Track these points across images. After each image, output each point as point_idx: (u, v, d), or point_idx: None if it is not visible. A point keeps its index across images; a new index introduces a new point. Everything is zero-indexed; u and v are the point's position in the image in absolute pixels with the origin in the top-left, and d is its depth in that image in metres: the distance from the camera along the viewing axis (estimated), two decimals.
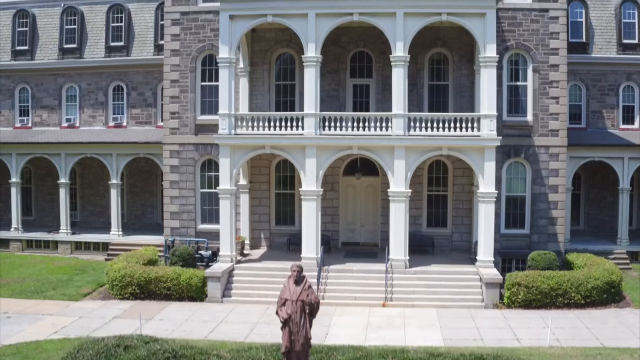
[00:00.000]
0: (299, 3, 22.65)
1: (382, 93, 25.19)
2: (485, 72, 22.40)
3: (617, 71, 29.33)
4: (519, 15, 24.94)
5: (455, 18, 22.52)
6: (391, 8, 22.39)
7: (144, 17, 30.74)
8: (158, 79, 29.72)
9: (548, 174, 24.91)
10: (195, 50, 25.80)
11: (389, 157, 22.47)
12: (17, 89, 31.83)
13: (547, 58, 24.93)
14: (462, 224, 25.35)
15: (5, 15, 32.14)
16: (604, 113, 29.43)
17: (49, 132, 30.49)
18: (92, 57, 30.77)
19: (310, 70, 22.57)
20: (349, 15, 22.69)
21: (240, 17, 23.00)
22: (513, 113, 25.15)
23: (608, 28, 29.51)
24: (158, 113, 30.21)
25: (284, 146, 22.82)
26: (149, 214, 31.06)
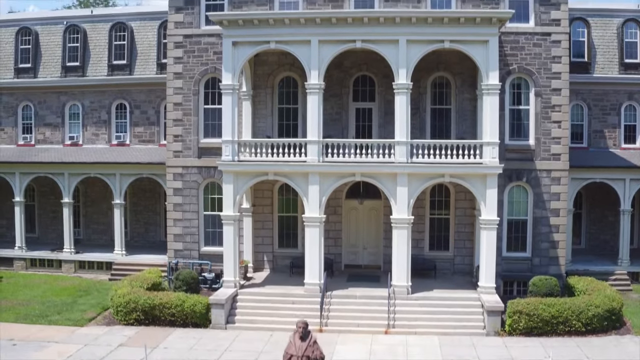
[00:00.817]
0: (301, 30, 22.71)
1: (384, 117, 25.28)
2: (488, 100, 22.50)
3: (619, 91, 29.41)
4: (521, 39, 25.01)
5: (458, 45, 22.60)
6: (394, 35, 22.46)
7: (147, 36, 30.80)
8: (161, 97, 29.82)
9: (550, 197, 25.02)
10: (198, 73, 25.88)
11: (391, 184, 22.58)
12: (20, 107, 31.94)
13: (549, 82, 25.00)
14: (464, 247, 25.49)
15: (8, 33, 32.19)
16: (606, 132, 29.52)
17: (52, 151, 30.60)
18: (95, 76, 30.85)
19: (313, 98, 22.67)
20: (351, 42, 22.77)
21: (243, 44, 23.09)
22: (515, 137, 25.25)
23: (610, 47, 29.55)
24: (161, 132, 30.32)
25: (287, 173, 22.93)
26: (152, 232, 31.20)
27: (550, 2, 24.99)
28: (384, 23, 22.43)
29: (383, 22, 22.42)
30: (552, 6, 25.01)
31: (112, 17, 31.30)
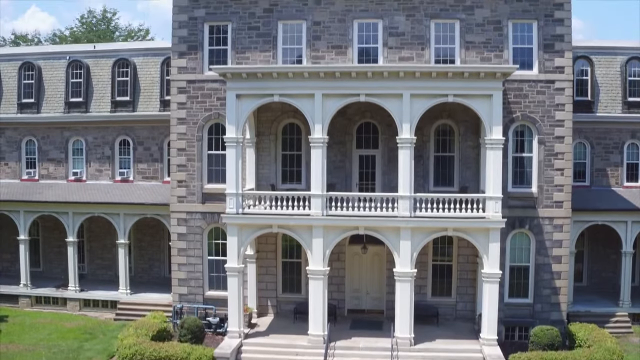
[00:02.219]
0: (305, 83, 22.73)
1: (387, 164, 25.34)
2: (491, 154, 22.55)
3: (622, 129, 29.45)
4: (525, 87, 25.01)
5: (462, 99, 22.64)
6: (398, 90, 22.48)
7: (150, 72, 30.77)
8: (164, 134, 29.87)
9: (552, 244, 25.14)
10: (202, 119, 25.92)
11: (394, 237, 22.70)
12: (24, 141, 32.01)
13: (552, 130, 25.04)
14: (466, 294, 25.65)
15: (11, 67, 32.17)
16: (608, 171, 29.58)
17: (56, 187, 30.70)
18: (98, 112, 30.88)
19: (316, 152, 22.73)
20: (355, 96, 22.81)
21: (247, 96, 23.13)
22: (518, 184, 25.32)
23: (613, 85, 29.53)
24: (164, 168, 30.40)
25: (291, 226, 23.05)
26: (156, 268, 31.38)
27: (554, 49, 24.98)
28: (388, 77, 22.44)
29: (387, 77, 22.43)
30: (556, 53, 25.00)
31: (115, 53, 31.26)
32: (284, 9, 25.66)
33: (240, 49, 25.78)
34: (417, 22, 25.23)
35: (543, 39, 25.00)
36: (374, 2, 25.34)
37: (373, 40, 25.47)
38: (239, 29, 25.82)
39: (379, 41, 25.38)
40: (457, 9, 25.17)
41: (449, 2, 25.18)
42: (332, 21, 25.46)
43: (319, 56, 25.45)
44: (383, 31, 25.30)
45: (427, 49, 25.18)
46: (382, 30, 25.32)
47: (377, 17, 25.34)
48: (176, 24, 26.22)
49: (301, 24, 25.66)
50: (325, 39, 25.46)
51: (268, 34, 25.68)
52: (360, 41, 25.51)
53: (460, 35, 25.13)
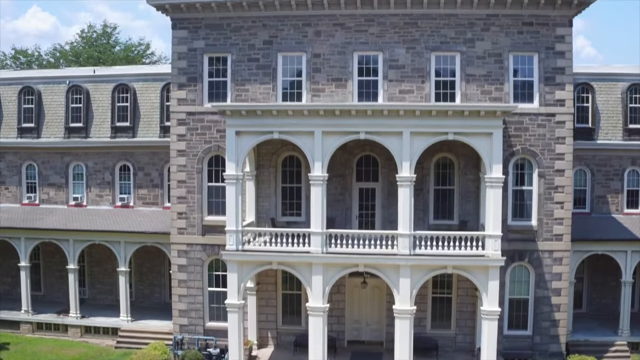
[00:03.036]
0: (305, 121, 22.68)
1: (387, 198, 25.33)
2: (491, 192, 22.50)
3: (623, 156, 29.39)
4: (525, 120, 24.96)
5: (462, 137, 22.58)
6: (398, 127, 22.43)
7: (149, 97, 30.72)
8: (164, 159, 29.84)
9: (551, 277, 25.18)
10: (201, 151, 25.91)
11: (394, 275, 22.72)
12: (24, 166, 32.01)
13: (552, 163, 25.01)
14: (466, 326, 25.70)
15: (11, 91, 32.13)
16: (609, 198, 29.55)
17: (57, 212, 30.75)
18: (98, 137, 30.86)
19: (316, 189, 22.70)
20: (355, 134, 22.76)
21: (246, 133, 23.08)
22: (518, 217, 25.33)
23: (614, 112, 29.45)
24: (165, 194, 30.40)
25: (291, 263, 23.07)
26: (157, 293, 31.47)
27: (555, 82, 24.92)
28: (388, 115, 22.38)
29: (387, 115, 22.37)
30: (557, 86, 24.93)
31: (114, 78, 31.19)
32: (284, 41, 25.59)
33: (240, 80, 25.74)
34: (418, 54, 25.16)
35: (544, 72, 24.93)
36: (374, 35, 25.27)
37: (373, 73, 25.42)
38: (239, 60, 25.77)
39: (379, 74, 25.33)
40: (457, 41, 25.09)
41: (449, 34, 25.10)
42: (332, 53, 25.41)
43: (319, 89, 25.41)
44: (383, 64, 25.24)
45: (428, 81, 25.12)
46: (382, 63, 25.25)
47: (377, 49, 25.27)
48: (175, 55, 26.18)
49: (301, 56, 25.60)
50: (325, 72, 25.41)
51: (268, 66, 25.62)
52: (360, 74, 25.46)
53: (460, 68, 25.06)
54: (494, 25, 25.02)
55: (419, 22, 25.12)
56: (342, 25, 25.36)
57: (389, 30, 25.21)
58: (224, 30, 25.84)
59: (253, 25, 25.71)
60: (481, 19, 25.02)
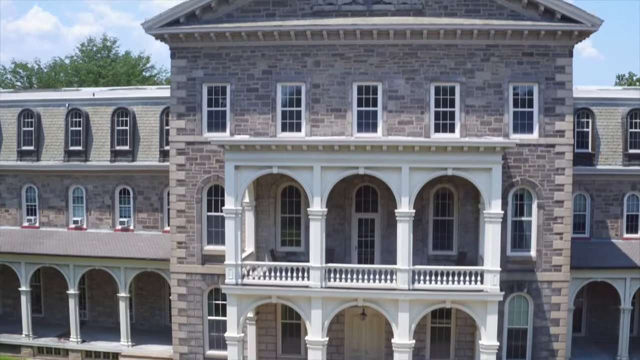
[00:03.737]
0: (304, 156, 22.69)
1: (387, 228, 25.34)
2: (490, 227, 22.55)
3: (623, 181, 29.34)
4: (525, 151, 24.91)
5: (461, 172, 22.61)
6: (397, 163, 22.44)
7: (149, 121, 30.71)
8: (164, 183, 29.84)
9: (550, 307, 25.22)
10: (201, 181, 25.90)
11: (393, 309, 22.80)
12: (24, 188, 32.02)
13: (552, 194, 24.99)
14: (465, 356, 25.74)
15: (10, 113, 32.14)
16: (608, 223, 29.53)
17: (57, 235, 30.80)
18: (98, 161, 30.87)
19: (315, 224, 22.74)
20: (354, 169, 22.79)
21: (245, 168, 23.11)
22: (517, 248, 25.35)
23: (614, 137, 29.40)
24: (164, 218, 30.42)
25: (290, 297, 23.16)
26: (157, 316, 31.55)
27: (554, 113, 24.86)
28: (387, 151, 22.39)
29: (386, 150, 22.38)
30: (557, 117, 24.88)
31: (114, 101, 31.19)
32: (283, 71, 25.52)
33: (239, 110, 25.70)
34: (417, 85, 25.09)
35: (544, 103, 24.86)
36: (374, 65, 25.20)
37: (372, 103, 25.36)
38: (238, 90, 25.72)
39: (378, 104, 25.28)
40: (457, 71, 25.01)
41: (449, 65, 25.03)
42: (332, 84, 25.34)
43: (318, 119, 25.37)
44: (383, 94, 25.18)
45: (427, 112, 25.06)
46: (382, 93, 25.19)
47: (377, 80, 25.20)
48: (174, 85, 26.13)
49: (300, 86, 25.54)
50: (324, 102, 25.35)
51: (267, 96, 25.58)
52: (360, 104, 25.39)
53: (460, 98, 24.99)
54: (494, 56, 24.94)
55: (419, 52, 25.05)
56: (341, 56, 25.30)
57: (388, 61, 25.14)
58: (222, 59, 25.79)
59: (252, 55, 25.65)
60: (481, 49, 24.95)
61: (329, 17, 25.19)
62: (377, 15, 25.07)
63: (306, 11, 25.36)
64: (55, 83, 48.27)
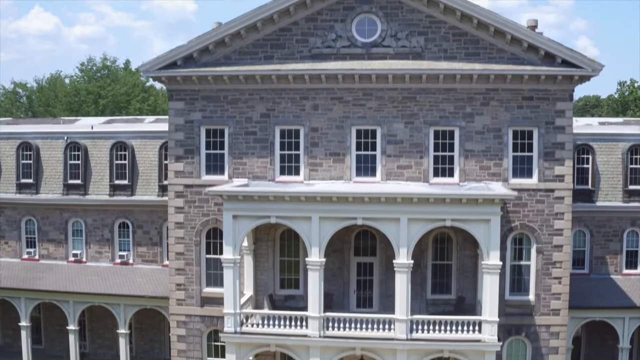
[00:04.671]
0: (302, 206, 22.63)
1: (385, 272, 25.30)
2: (488, 278, 22.53)
3: (622, 217, 29.31)
4: (524, 196, 24.80)
5: (460, 224, 22.56)
6: (395, 214, 22.38)
7: (148, 155, 30.67)
8: (163, 218, 29.82)
9: (548, 351, 25.23)
10: (199, 224, 25.87)
11: (391, 358, 22.84)
12: (23, 221, 32.05)
13: (551, 239, 24.92)
14: None
15: (9, 145, 32.11)
16: (607, 258, 29.53)
17: (57, 269, 30.86)
18: (97, 195, 30.88)
19: (314, 274, 22.73)
20: (352, 219, 22.72)
21: (243, 217, 23.06)
22: (515, 292, 25.32)
23: (614, 173, 29.31)
24: (164, 252, 30.47)
25: (289, 346, 23.21)
26: (157, 349, 31.66)
27: (554, 158, 24.74)
28: (385, 202, 22.32)
29: (384, 201, 22.32)
30: (557, 161, 24.76)
31: (112, 135, 31.14)
32: (281, 114, 25.41)
33: (237, 154, 25.61)
34: (416, 129, 24.97)
35: (543, 147, 24.74)
36: (372, 109, 25.07)
37: (371, 147, 25.26)
38: (236, 133, 25.62)
39: (377, 148, 25.18)
40: (456, 116, 24.88)
41: (448, 109, 24.89)
42: (330, 127, 25.23)
43: (317, 163, 25.28)
44: (381, 138, 25.08)
45: (426, 157, 24.97)
46: (381, 137, 25.09)
47: (376, 123, 25.09)
48: (172, 127, 26.03)
49: (299, 129, 25.44)
50: (323, 146, 25.26)
51: (265, 139, 25.49)
52: (359, 148, 25.31)
53: (459, 143, 24.89)
54: (494, 100, 24.81)
55: (418, 96, 24.91)
56: (340, 99, 25.16)
57: (387, 105, 25.02)
58: (221, 102, 25.67)
59: (250, 98, 25.52)
60: (481, 93, 24.80)
61: (328, 60, 25.05)
62: (376, 59, 24.93)
63: (304, 54, 25.24)
64: (55, 102, 48.07)
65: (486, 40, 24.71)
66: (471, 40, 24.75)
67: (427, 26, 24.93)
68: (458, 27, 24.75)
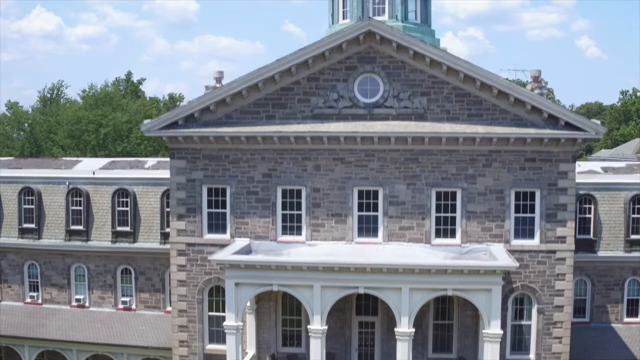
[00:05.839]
0: (304, 275, 22.71)
1: (387, 332, 25.34)
2: (489, 347, 22.60)
3: (624, 267, 29.29)
4: (525, 257, 24.81)
5: (461, 293, 22.64)
6: (397, 284, 22.45)
7: (150, 202, 30.65)
8: (165, 265, 29.89)
9: None
10: (202, 282, 25.94)
11: None
12: (26, 265, 32.11)
13: (552, 299, 24.97)
14: None
15: (11, 190, 32.08)
16: (609, 307, 29.58)
17: (60, 314, 31.01)
18: (99, 241, 30.90)
19: (315, 342, 22.85)
20: (354, 288, 22.82)
21: (246, 285, 23.14)
22: (516, 351, 25.40)
23: (616, 223, 29.26)
24: (166, 299, 30.54)
25: None
26: None
27: (556, 219, 24.71)
28: (387, 272, 22.38)
29: (386, 272, 22.38)
30: (558, 223, 24.73)
31: (114, 181, 31.08)
32: (283, 175, 25.36)
33: (239, 213, 25.61)
34: (418, 191, 24.92)
35: (545, 209, 24.69)
36: (374, 170, 25.01)
37: (373, 208, 25.24)
38: (238, 193, 25.59)
39: (379, 209, 25.16)
40: (458, 177, 24.82)
41: (450, 170, 24.82)
42: (332, 188, 25.19)
43: (319, 224, 25.28)
44: (383, 200, 25.04)
45: (428, 218, 24.95)
46: (383, 198, 25.05)
47: (378, 185, 25.04)
48: (174, 185, 26.01)
49: (301, 189, 25.40)
50: (325, 206, 25.24)
51: (267, 199, 25.47)
52: (360, 209, 25.28)
53: (461, 204, 24.85)
54: (496, 161, 24.72)
55: (420, 157, 24.84)
56: (342, 160, 25.10)
57: (389, 166, 24.95)
58: (222, 161, 25.61)
59: (252, 158, 25.46)
60: (483, 155, 24.72)
61: (330, 120, 24.96)
62: (378, 119, 24.83)
63: (306, 114, 25.14)
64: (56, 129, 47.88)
65: (489, 101, 24.58)
66: (474, 100, 24.64)
67: (429, 86, 24.80)
68: (461, 87, 24.61)
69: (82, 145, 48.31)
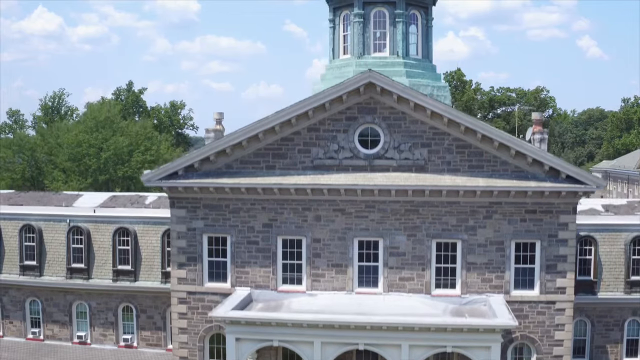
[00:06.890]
0: (304, 331, 22.77)
1: None
2: None
3: (624, 307, 29.31)
4: (525, 307, 24.89)
5: (460, 350, 22.71)
6: (396, 341, 22.53)
7: (150, 241, 30.69)
8: (166, 303, 29.96)
9: None
10: (202, 330, 26.05)
11: None
12: (28, 301, 32.23)
13: (551, 349, 25.07)
14: None
15: (12, 226, 32.12)
16: (608, 347, 29.64)
17: (61, 350, 31.12)
18: (101, 279, 30.98)
19: None
20: (354, 345, 22.92)
21: (246, 340, 23.23)
22: None
23: (617, 264, 29.23)
24: (168, 337, 30.68)
25: None
26: None
27: (556, 270, 24.75)
28: (387, 330, 22.45)
29: (386, 329, 22.44)
30: (558, 274, 24.77)
31: (115, 219, 31.11)
32: (283, 225, 25.36)
33: (239, 262, 25.66)
34: (419, 242, 24.93)
35: (546, 260, 24.72)
36: (375, 221, 25.01)
37: (374, 258, 25.27)
38: (238, 242, 25.63)
39: (379, 260, 25.20)
40: (459, 229, 24.81)
41: (451, 222, 24.81)
42: (332, 239, 25.20)
43: (319, 274, 25.34)
44: (384, 251, 25.07)
45: (428, 269, 24.98)
46: (383, 249, 25.07)
47: (378, 236, 25.05)
48: (175, 234, 26.05)
49: (301, 239, 25.42)
50: (325, 257, 25.27)
51: (267, 249, 25.50)
52: (361, 259, 25.32)
53: (462, 255, 24.88)
54: (497, 213, 24.71)
55: (420, 209, 24.82)
56: (342, 211, 25.09)
57: (389, 217, 24.94)
58: (222, 211, 25.62)
59: (252, 208, 25.46)
60: (484, 207, 24.69)
61: (330, 171, 24.92)
62: (378, 171, 24.79)
63: (307, 164, 25.09)
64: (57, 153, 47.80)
65: (490, 153, 24.53)
66: (475, 152, 24.59)
67: (430, 138, 24.74)
68: (462, 139, 24.55)
69: (83, 168, 48.34)
